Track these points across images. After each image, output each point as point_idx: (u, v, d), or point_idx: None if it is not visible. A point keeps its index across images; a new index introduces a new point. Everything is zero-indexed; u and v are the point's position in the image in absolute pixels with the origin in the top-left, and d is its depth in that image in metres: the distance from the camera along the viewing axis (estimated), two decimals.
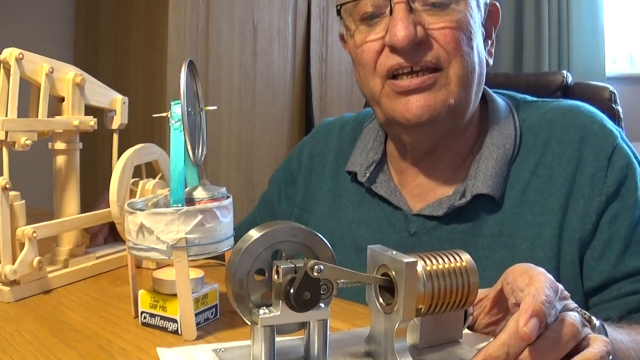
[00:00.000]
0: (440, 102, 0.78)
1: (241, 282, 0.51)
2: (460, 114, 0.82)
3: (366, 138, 0.95)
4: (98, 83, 0.90)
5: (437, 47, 0.78)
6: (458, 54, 0.78)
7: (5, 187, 0.74)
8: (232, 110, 2.16)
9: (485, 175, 0.81)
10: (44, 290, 0.78)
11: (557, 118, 0.84)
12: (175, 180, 0.63)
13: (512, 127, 0.85)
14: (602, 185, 0.78)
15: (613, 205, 0.78)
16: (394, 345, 0.50)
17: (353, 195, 0.93)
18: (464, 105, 0.81)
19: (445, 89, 0.78)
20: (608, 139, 0.81)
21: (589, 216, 0.78)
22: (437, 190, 0.86)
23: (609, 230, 0.77)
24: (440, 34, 0.77)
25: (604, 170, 0.79)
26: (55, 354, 0.59)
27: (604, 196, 0.78)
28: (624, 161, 0.79)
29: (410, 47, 0.76)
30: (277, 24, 2.29)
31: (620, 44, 3.29)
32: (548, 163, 0.81)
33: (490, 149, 0.83)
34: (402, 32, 0.75)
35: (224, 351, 0.54)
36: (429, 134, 0.83)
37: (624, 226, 0.77)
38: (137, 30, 2.05)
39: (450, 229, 0.82)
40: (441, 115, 0.79)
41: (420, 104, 0.78)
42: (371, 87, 0.82)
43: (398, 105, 0.79)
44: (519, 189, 0.81)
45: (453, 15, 0.78)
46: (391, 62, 0.78)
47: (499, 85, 0.96)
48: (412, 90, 0.78)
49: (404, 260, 0.48)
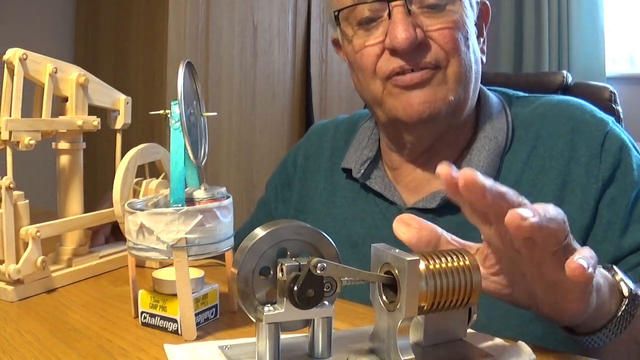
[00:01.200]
0: (440, 99, 0.79)
1: (246, 279, 0.51)
2: (459, 112, 0.83)
3: (361, 136, 0.96)
4: (101, 83, 0.90)
5: (435, 48, 0.79)
6: (456, 53, 0.79)
7: (9, 186, 0.74)
8: (232, 110, 2.16)
9: (477, 167, 0.81)
10: (48, 289, 0.78)
11: (548, 111, 0.86)
12: (175, 180, 0.63)
13: (505, 121, 0.86)
14: (597, 171, 0.79)
15: (610, 190, 0.78)
16: (397, 343, 0.50)
17: (348, 192, 0.93)
18: (463, 103, 0.82)
19: (444, 86, 0.80)
20: (599, 127, 0.82)
21: (587, 203, 0.78)
22: (432, 184, 0.86)
23: (607, 213, 0.78)
24: (439, 35, 0.79)
25: (598, 157, 0.79)
26: (55, 354, 0.59)
27: (600, 182, 0.78)
28: (617, 145, 0.80)
29: (411, 49, 0.77)
30: (277, 24, 2.29)
31: (620, 44, 3.30)
32: (540, 155, 0.82)
33: (482, 142, 0.84)
34: (402, 34, 0.76)
35: (229, 348, 0.55)
36: (430, 131, 0.83)
37: (622, 207, 0.78)
38: (137, 30, 2.06)
39: (444, 221, 0.83)
40: (442, 112, 0.80)
41: (421, 100, 0.79)
42: (372, 90, 0.83)
43: (400, 102, 0.80)
44: (511, 180, 0.82)
45: (450, 16, 0.79)
46: (392, 65, 0.79)
47: (499, 85, 0.97)
48: (414, 85, 0.79)
49: (407, 258, 0.49)
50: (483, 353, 0.54)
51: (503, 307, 0.77)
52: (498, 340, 0.59)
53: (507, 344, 0.59)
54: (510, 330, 0.71)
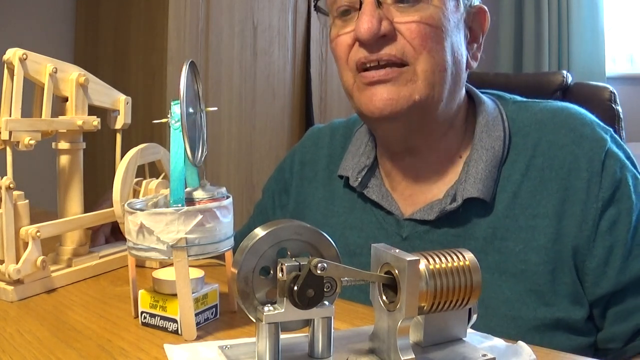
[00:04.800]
0: (403, 97, 0.78)
1: (246, 279, 0.51)
2: (428, 112, 0.81)
3: (358, 142, 0.95)
4: (101, 83, 0.90)
5: (402, 41, 0.78)
6: (425, 50, 0.78)
7: (9, 186, 0.74)
8: (232, 110, 2.16)
9: (475, 179, 0.80)
10: (48, 289, 0.78)
11: (547, 119, 0.84)
12: (175, 180, 0.63)
13: (501, 128, 0.84)
14: (598, 191, 0.78)
15: (610, 211, 0.77)
16: (397, 343, 0.50)
17: (345, 202, 0.93)
18: (432, 103, 0.80)
19: (412, 85, 0.78)
20: (600, 143, 0.80)
21: (585, 222, 0.77)
22: (427, 194, 0.86)
23: (610, 237, 0.77)
24: (407, 29, 0.78)
25: (599, 175, 0.78)
26: (55, 354, 0.59)
27: (600, 202, 0.77)
28: (617, 165, 0.79)
29: (373, 40, 0.77)
30: (277, 24, 2.29)
31: (620, 44, 3.30)
32: (539, 165, 0.81)
33: (479, 152, 0.83)
34: (365, 25, 0.77)
35: (229, 348, 0.55)
36: (395, 128, 0.83)
37: (623, 232, 0.77)
38: (137, 30, 2.06)
39: (442, 233, 0.82)
40: (404, 110, 0.78)
41: (384, 97, 0.78)
42: (345, 80, 0.84)
43: (364, 97, 0.80)
44: (510, 191, 0.81)
45: (423, 12, 0.78)
46: (358, 55, 0.80)
47: (499, 85, 0.96)
48: (376, 82, 0.79)
49: (407, 258, 0.49)
50: (483, 353, 0.54)
51: (501, 316, 0.77)
52: (498, 340, 0.59)
53: (507, 344, 0.59)
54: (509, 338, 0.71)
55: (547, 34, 3.22)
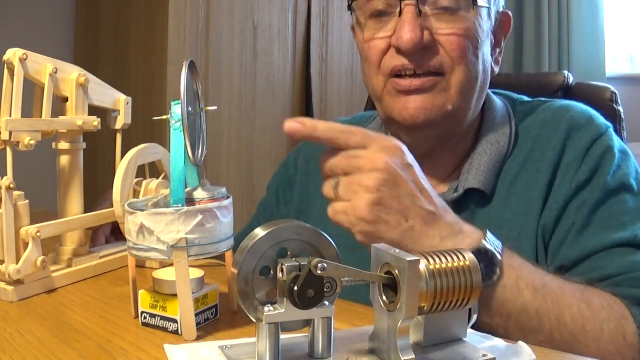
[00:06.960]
0: (437, 107, 0.79)
1: (246, 279, 0.51)
2: (457, 120, 0.83)
3: None
4: (101, 83, 0.90)
5: (442, 52, 0.79)
6: (462, 62, 0.79)
7: (9, 186, 0.74)
8: (232, 110, 2.16)
9: (477, 171, 0.82)
10: (48, 289, 0.78)
11: (549, 117, 0.86)
12: (175, 180, 0.63)
13: (508, 126, 0.86)
14: (574, 173, 0.79)
15: (582, 193, 0.78)
16: (397, 343, 0.50)
17: None
18: (462, 113, 0.82)
19: (445, 94, 0.79)
20: (591, 131, 0.82)
21: (556, 202, 0.79)
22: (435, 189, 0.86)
23: (574, 215, 0.78)
24: (447, 40, 0.78)
25: (580, 160, 0.80)
26: (55, 354, 0.59)
27: (573, 184, 0.79)
28: (601, 150, 0.80)
29: (415, 50, 0.77)
30: (277, 24, 2.29)
31: (620, 44, 3.30)
32: (537, 157, 0.83)
33: (484, 146, 0.84)
34: (408, 34, 0.76)
35: (229, 348, 0.55)
36: (425, 135, 0.84)
37: (587, 209, 0.78)
38: (137, 30, 2.06)
39: None
40: (437, 119, 0.80)
41: (417, 105, 0.79)
42: (374, 84, 0.83)
43: (397, 104, 0.80)
44: (507, 181, 0.83)
45: (461, 23, 0.78)
46: (395, 62, 0.79)
47: (499, 85, 0.97)
48: (412, 91, 0.79)
49: (407, 258, 0.49)
50: (483, 353, 0.54)
51: None
52: (498, 340, 0.59)
53: (507, 344, 0.59)
54: None
55: (547, 34, 3.22)
